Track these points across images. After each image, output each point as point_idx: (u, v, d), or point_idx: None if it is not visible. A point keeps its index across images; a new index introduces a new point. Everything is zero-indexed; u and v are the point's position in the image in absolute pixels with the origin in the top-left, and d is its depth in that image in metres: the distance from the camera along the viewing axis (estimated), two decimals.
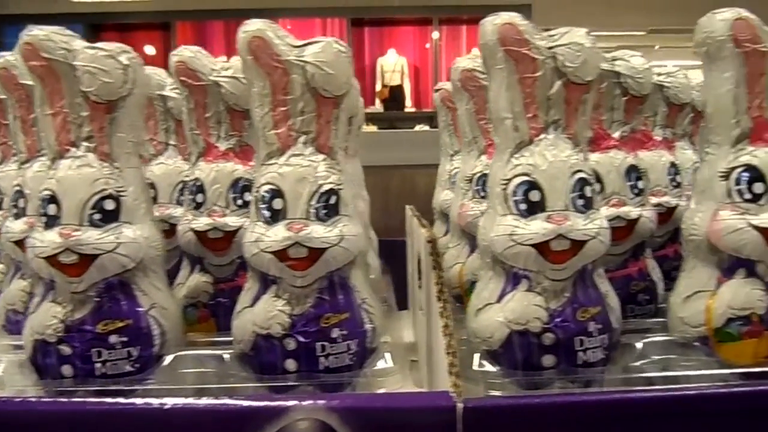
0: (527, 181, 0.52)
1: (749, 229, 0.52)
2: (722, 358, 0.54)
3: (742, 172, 0.53)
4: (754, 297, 0.53)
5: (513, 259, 0.52)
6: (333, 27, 6.00)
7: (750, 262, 0.53)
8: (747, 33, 0.52)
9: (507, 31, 0.52)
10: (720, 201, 0.54)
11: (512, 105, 0.53)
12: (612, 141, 0.64)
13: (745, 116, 0.53)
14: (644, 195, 0.64)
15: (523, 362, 0.52)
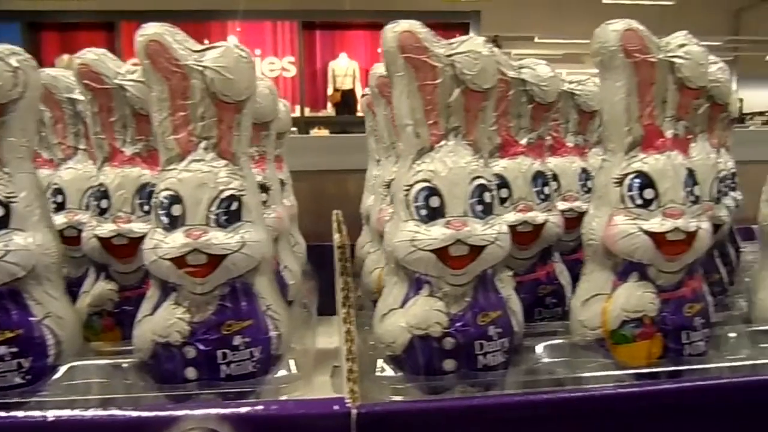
0: (427, 188, 0.52)
1: (640, 234, 0.54)
2: (618, 360, 0.56)
3: (633, 178, 0.55)
4: (646, 300, 0.54)
5: (414, 264, 0.53)
6: (284, 30, 5.96)
7: (642, 266, 0.55)
8: (636, 44, 0.54)
9: (406, 38, 0.52)
10: (614, 206, 0.55)
11: (413, 112, 0.53)
12: (519, 147, 0.65)
13: (637, 124, 0.55)
14: (551, 200, 0.66)
15: (425, 367, 0.53)
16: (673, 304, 0.55)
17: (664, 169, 0.54)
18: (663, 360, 0.55)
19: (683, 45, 0.55)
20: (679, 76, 0.54)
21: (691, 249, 0.54)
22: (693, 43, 0.55)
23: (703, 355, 0.56)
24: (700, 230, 0.54)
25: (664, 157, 0.55)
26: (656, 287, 0.55)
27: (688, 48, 0.55)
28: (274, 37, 5.95)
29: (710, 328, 0.57)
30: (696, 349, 0.56)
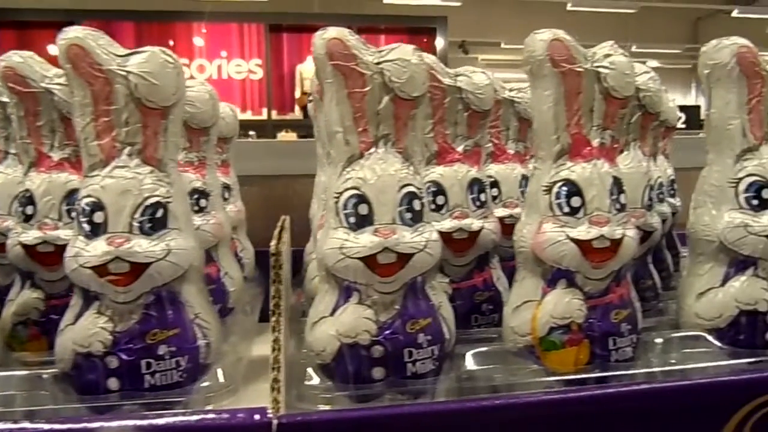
0: (356, 195, 0.52)
1: (567, 242, 0.54)
2: (548, 366, 0.56)
3: (561, 186, 0.55)
4: (574, 306, 0.55)
5: (343, 272, 0.52)
6: (250, 32, 5.92)
7: (570, 273, 0.56)
8: (563, 54, 0.54)
9: (335, 45, 0.52)
10: (543, 214, 0.56)
11: (342, 119, 0.53)
12: (456, 155, 0.66)
13: (565, 133, 0.56)
14: (487, 207, 0.66)
15: (354, 375, 0.53)
16: (600, 310, 0.56)
17: (590, 178, 0.55)
18: (590, 366, 0.56)
19: (609, 55, 0.56)
20: (605, 85, 0.55)
21: (616, 256, 0.55)
22: (618, 53, 0.56)
23: (630, 360, 0.57)
24: (625, 238, 0.55)
25: (591, 165, 0.56)
26: (584, 294, 0.56)
27: (613, 58, 0.56)
28: (241, 39, 5.90)
29: (638, 333, 0.58)
30: (623, 355, 0.57)
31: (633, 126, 0.68)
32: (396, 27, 6.28)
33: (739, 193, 0.59)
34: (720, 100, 0.61)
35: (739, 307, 0.59)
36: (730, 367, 0.58)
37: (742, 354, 0.59)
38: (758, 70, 0.59)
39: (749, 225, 0.58)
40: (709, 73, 0.61)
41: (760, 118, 0.60)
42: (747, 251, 0.59)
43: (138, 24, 5.34)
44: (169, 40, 5.34)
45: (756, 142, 0.60)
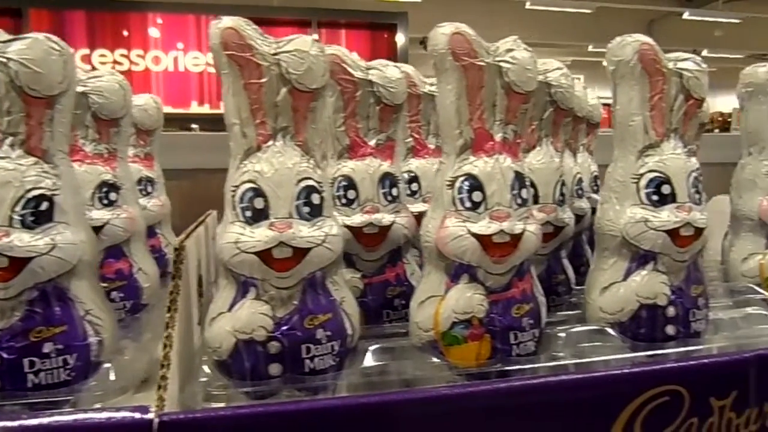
0: (252, 188, 0.51)
1: (468, 236, 0.54)
2: (450, 361, 0.56)
3: (463, 181, 0.55)
4: (475, 301, 0.55)
5: (239, 267, 0.51)
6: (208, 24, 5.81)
7: (472, 268, 0.56)
8: (464, 47, 0.54)
9: (230, 36, 0.51)
10: (447, 209, 0.56)
11: (239, 111, 0.52)
12: (368, 149, 0.65)
13: (468, 127, 0.56)
14: (399, 202, 0.66)
15: (251, 372, 0.52)
16: (502, 305, 0.56)
17: (492, 173, 0.55)
18: (491, 360, 0.56)
19: (511, 50, 0.56)
20: (507, 80, 0.55)
21: (517, 251, 0.55)
22: (521, 48, 0.56)
23: (533, 355, 0.58)
24: (526, 233, 0.55)
25: (493, 160, 0.56)
26: (486, 289, 0.56)
27: (515, 53, 0.56)
28: (198, 31, 5.79)
29: (540, 328, 0.59)
30: (525, 350, 0.57)
31: (545, 122, 0.69)
32: (356, 22, 6.27)
33: (641, 189, 0.60)
34: (624, 97, 0.61)
35: (640, 301, 0.60)
36: (631, 360, 0.59)
37: (643, 347, 0.60)
38: (659, 68, 0.60)
39: (649, 220, 0.59)
40: (613, 69, 0.62)
41: (661, 114, 0.61)
42: (647, 246, 0.60)
43: (90, 13, 5.18)
44: (123, 30, 5.22)
45: (658, 138, 0.61)
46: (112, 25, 5.24)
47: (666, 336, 0.60)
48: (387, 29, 6.10)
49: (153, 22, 5.49)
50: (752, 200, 0.79)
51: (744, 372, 0.55)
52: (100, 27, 5.11)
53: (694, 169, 0.61)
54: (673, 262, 0.60)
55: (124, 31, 5.22)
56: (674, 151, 0.61)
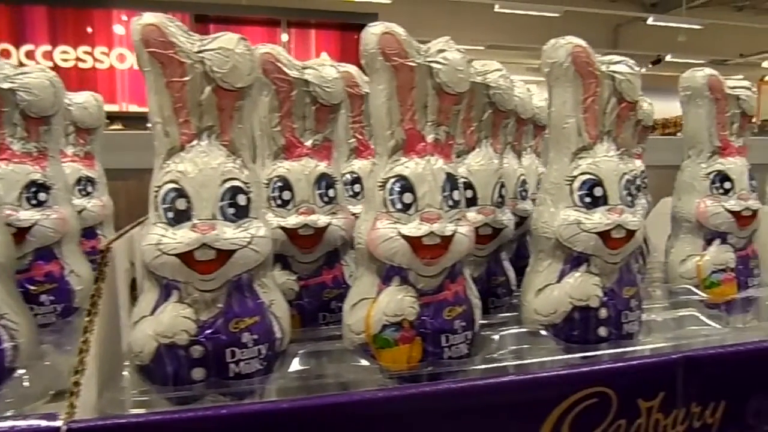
0: (175, 189, 0.50)
1: (398, 238, 0.54)
2: (382, 364, 0.55)
3: (394, 182, 0.55)
4: (406, 304, 0.55)
5: (161, 269, 0.50)
6: None
7: (403, 270, 0.55)
8: (395, 47, 0.54)
9: (151, 32, 0.50)
10: (378, 210, 0.55)
11: (162, 109, 0.51)
12: (304, 149, 0.64)
13: (399, 128, 0.55)
14: (336, 203, 0.65)
15: (173, 376, 0.50)
16: (433, 307, 0.56)
17: (423, 174, 0.55)
18: (422, 363, 0.55)
19: (442, 51, 0.55)
20: (438, 81, 0.55)
21: (448, 253, 0.55)
22: (453, 49, 0.56)
23: (465, 357, 0.58)
24: (457, 234, 0.55)
25: (424, 161, 0.55)
26: (417, 291, 0.56)
27: (447, 54, 0.55)
28: None
29: (473, 330, 0.58)
30: (456, 352, 0.57)
31: (484, 123, 0.69)
32: (326, 22, 6.25)
33: (574, 191, 0.60)
34: (558, 99, 0.62)
35: (573, 303, 0.60)
36: (562, 362, 0.59)
37: (576, 349, 0.60)
38: (592, 70, 0.60)
39: (582, 222, 0.59)
40: (548, 72, 0.62)
41: (594, 117, 0.61)
42: (580, 248, 0.60)
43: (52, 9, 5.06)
44: (86, 26, 5.11)
45: (591, 140, 0.61)
46: (75, 21, 5.12)
47: (598, 338, 0.61)
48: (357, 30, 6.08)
49: (118, 18, 5.39)
50: (690, 203, 0.80)
51: (671, 373, 0.55)
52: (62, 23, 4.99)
53: (627, 172, 0.61)
54: (606, 264, 0.61)
55: (87, 28, 5.12)
56: (607, 154, 0.61)
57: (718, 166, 0.79)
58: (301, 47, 6.05)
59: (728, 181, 0.78)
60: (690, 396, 0.56)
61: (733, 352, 0.57)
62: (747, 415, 0.58)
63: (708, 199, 0.78)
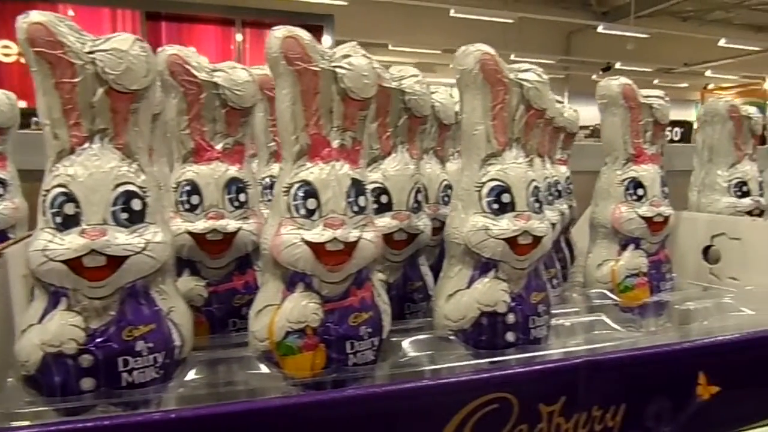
0: (63, 193, 0.48)
1: (301, 244, 0.53)
2: (286, 372, 0.55)
3: (298, 188, 0.54)
4: (309, 310, 0.54)
5: (47, 276, 0.48)
6: (125, 18, 5.61)
7: (307, 276, 0.54)
8: (297, 52, 0.53)
9: (37, 31, 0.48)
10: (283, 216, 0.55)
11: (50, 111, 0.49)
12: (214, 153, 0.63)
13: (304, 133, 0.55)
14: (248, 208, 0.64)
15: (61, 387, 0.49)
16: (338, 314, 0.55)
17: (327, 179, 0.54)
18: (326, 370, 0.55)
19: (347, 56, 0.55)
20: (342, 86, 0.55)
21: (352, 259, 0.54)
22: (359, 54, 0.56)
23: (372, 363, 0.57)
24: (361, 240, 0.55)
25: (329, 167, 0.55)
26: (321, 297, 0.55)
27: (352, 59, 0.55)
28: (114, 24, 5.60)
29: (381, 336, 0.58)
30: (362, 359, 0.57)
31: (400, 129, 0.69)
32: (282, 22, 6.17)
33: (483, 197, 0.61)
34: (468, 106, 0.62)
35: (481, 309, 0.61)
36: (467, 368, 0.59)
37: (484, 355, 0.61)
38: (501, 78, 0.61)
39: (489, 228, 0.60)
40: (458, 79, 0.62)
41: (503, 124, 0.61)
42: (488, 254, 0.60)
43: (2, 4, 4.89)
44: None
45: (500, 147, 0.62)
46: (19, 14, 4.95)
47: (506, 343, 0.61)
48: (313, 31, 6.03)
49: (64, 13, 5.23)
50: (606, 209, 0.82)
51: (573, 378, 0.56)
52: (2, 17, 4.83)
53: (536, 178, 0.62)
54: (513, 270, 0.62)
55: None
56: (516, 161, 0.62)
57: (632, 173, 0.81)
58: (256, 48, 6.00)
59: (641, 187, 0.80)
60: (591, 400, 0.57)
61: (633, 356, 0.58)
62: (646, 418, 0.59)
63: (622, 206, 0.81)
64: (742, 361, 0.64)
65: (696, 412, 0.61)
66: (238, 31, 5.97)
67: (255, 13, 6.19)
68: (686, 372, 0.61)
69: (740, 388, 0.63)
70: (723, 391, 0.62)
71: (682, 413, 0.61)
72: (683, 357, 0.61)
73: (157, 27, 5.73)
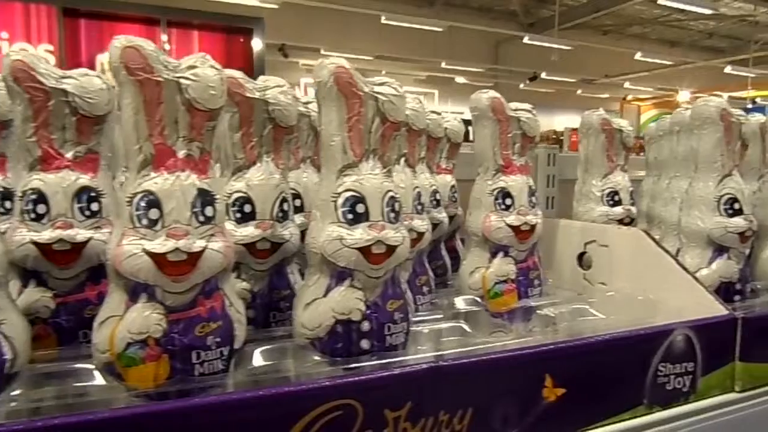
0: None
1: (142, 255, 0.53)
2: (129, 383, 0.54)
3: (141, 198, 0.54)
4: (152, 321, 0.54)
5: None
6: (39, 14, 5.37)
7: (150, 287, 0.54)
8: (138, 62, 0.53)
9: None
10: (125, 226, 0.54)
11: None
12: (64, 161, 0.62)
13: (148, 143, 0.54)
14: (100, 217, 0.63)
15: None
16: (183, 324, 0.55)
17: (170, 190, 0.54)
18: (170, 381, 0.55)
19: (193, 66, 0.55)
20: (187, 96, 0.54)
21: (197, 269, 0.54)
22: (206, 65, 0.56)
23: (221, 373, 0.57)
24: (207, 250, 0.55)
25: (174, 177, 0.54)
26: (165, 308, 0.55)
27: (198, 70, 0.55)
28: (27, 20, 5.34)
29: (231, 346, 0.58)
30: (210, 368, 0.56)
31: (265, 138, 0.69)
32: (210, 24, 6.09)
33: (338, 208, 0.62)
34: (325, 118, 0.63)
35: (336, 317, 0.62)
36: (322, 374, 0.60)
37: (339, 362, 0.62)
38: (355, 91, 0.62)
39: (344, 238, 0.61)
40: (316, 91, 0.63)
41: (359, 136, 0.63)
42: (343, 263, 0.61)
43: None
44: None
45: (356, 159, 0.63)
46: None
47: (361, 350, 0.63)
48: (243, 34, 5.97)
49: None
50: (478, 218, 0.85)
51: (418, 384, 0.58)
52: None
53: (392, 189, 0.64)
54: (369, 279, 0.63)
55: None
56: (372, 172, 0.63)
57: (501, 183, 0.84)
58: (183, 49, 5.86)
59: (509, 197, 0.83)
60: (438, 404, 0.59)
61: (477, 362, 0.61)
62: (493, 420, 0.62)
63: (492, 215, 0.84)
64: (587, 364, 0.67)
65: (542, 413, 0.64)
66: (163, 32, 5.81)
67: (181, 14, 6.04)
68: (533, 375, 0.64)
69: (585, 389, 0.67)
70: (568, 393, 0.65)
71: (529, 415, 0.64)
72: (529, 361, 0.64)
73: (75, 25, 5.50)
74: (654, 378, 0.71)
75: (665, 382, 0.72)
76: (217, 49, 5.89)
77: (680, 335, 0.72)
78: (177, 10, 6.16)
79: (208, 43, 5.97)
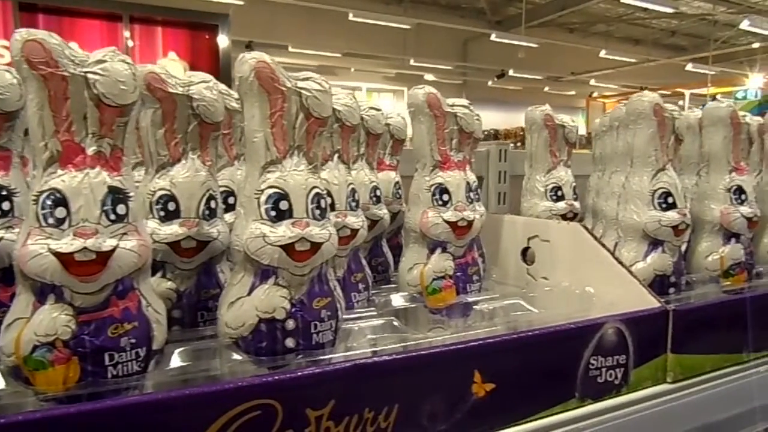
0: None
1: (48, 254, 0.51)
2: (37, 387, 0.52)
3: (47, 196, 0.52)
4: (60, 323, 0.52)
5: None
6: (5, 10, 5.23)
7: (57, 287, 0.52)
8: (41, 56, 0.51)
9: None
10: (31, 225, 0.52)
11: None
12: None
13: (54, 140, 0.52)
14: (12, 216, 0.61)
15: None
16: (95, 325, 0.54)
17: (78, 188, 0.52)
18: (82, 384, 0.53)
19: (102, 61, 0.53)
20: (96, 92, 0.53)
21: (107, 269, 0.53)
22: (116, 60, 0.54)
23: (138, 374, 0.56)
24: (118, 249, 0.53)
25: (82, 174, 0.53)
26: (75, 309, 0.53)
27: (107, 65, 0.53)
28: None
29: (149, 347, 0.57)
30: (125, 370, 0.55)
31: (191, 135, 0.68)
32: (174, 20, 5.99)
33: (261, 205, 0.61)
34: (248, 113, 0.62)
35: (259, 316, 0.61)
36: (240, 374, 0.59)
37: (264, 362, 0.61)
38: (278, 86, 0.61)
39: (266, 235, 0.60)
40: (237, 86, 0.62)
41: (283, 132, 0.62)
42: (266, 261, 0.60)
43: None
44: None
45: (279, 155, 0.62)
46: None
47: (286, 349, 0.62)
48: (208, 30, 5.89)
49: None
50: (416, 214, 0.84)
51: (342, 382, 0.57)
52: None
53: (317, 186, 0.63)
54: (293, 277, 0.62)
55: None
56: (296, 168, 0.62)
57: (439, 179, 0.84)
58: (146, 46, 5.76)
59: (447, 193, 0.83)
60: (362, 402, 0.58)
61: (402, 358, 0.60)
62: (421, 417, 0.61)
63: (430, 211, 0.83)
64: (516, 358, 0.67)
65: (472, 409, 0.64)
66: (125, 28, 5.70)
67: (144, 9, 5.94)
68: (461, 371, 0.64)
69: (515, 384, 0.67)
70: (498, 388, 0.65)
71: (458, 411, 0.63)
72: (456, 357, 0.63)
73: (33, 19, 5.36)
74: (585, 371, 0.72)
75: (597, 375, 0.72)
76: (182, 45, 5.81)
77: (611, 328, 0.73)
78: (140, 5, 6.06)
79: (173, 40, 5.88)
